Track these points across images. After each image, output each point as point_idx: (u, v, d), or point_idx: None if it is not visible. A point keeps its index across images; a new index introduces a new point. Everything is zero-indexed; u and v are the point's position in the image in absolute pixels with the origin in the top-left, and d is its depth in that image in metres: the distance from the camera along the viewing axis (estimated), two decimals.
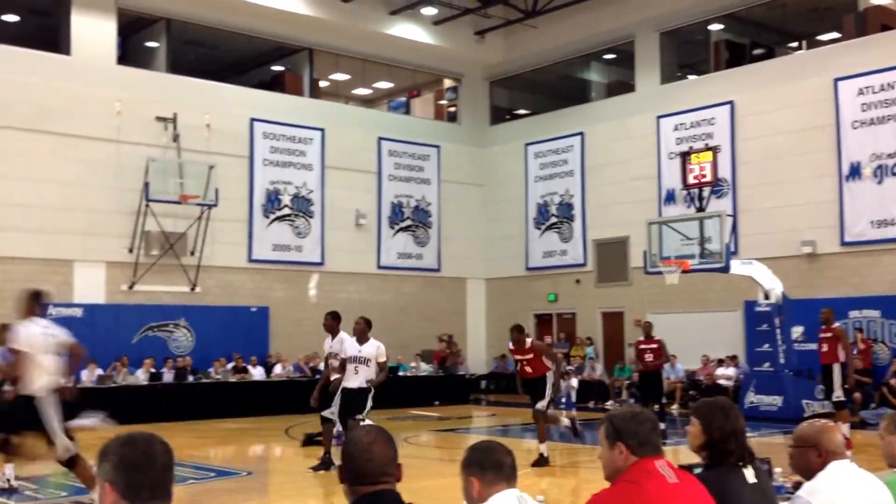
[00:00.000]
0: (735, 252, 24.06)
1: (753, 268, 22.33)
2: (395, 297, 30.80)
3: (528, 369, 15.26)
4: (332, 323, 14.96)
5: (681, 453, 13.49)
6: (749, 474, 4.53)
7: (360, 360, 13.99)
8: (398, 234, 31.23)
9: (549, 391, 15.16)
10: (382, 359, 14.25)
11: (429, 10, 30.15)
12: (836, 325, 17.55)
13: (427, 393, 27.00)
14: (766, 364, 22.32)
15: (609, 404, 26.27)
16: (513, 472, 3.90)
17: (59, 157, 24.47)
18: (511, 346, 15.54)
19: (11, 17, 25.40)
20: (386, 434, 3.61)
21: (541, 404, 15.16)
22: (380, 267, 30.73)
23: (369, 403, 14.08)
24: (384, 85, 34.28)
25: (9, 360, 11.39)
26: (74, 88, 24.83)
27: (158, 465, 2.96)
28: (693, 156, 23.40)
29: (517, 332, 15.34)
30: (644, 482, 3.95)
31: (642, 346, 19.77)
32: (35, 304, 10.81)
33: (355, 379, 13.98)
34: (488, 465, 3.86)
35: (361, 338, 14.19)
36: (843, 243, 24.48)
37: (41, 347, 10.47)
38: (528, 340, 15.32)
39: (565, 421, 16.45)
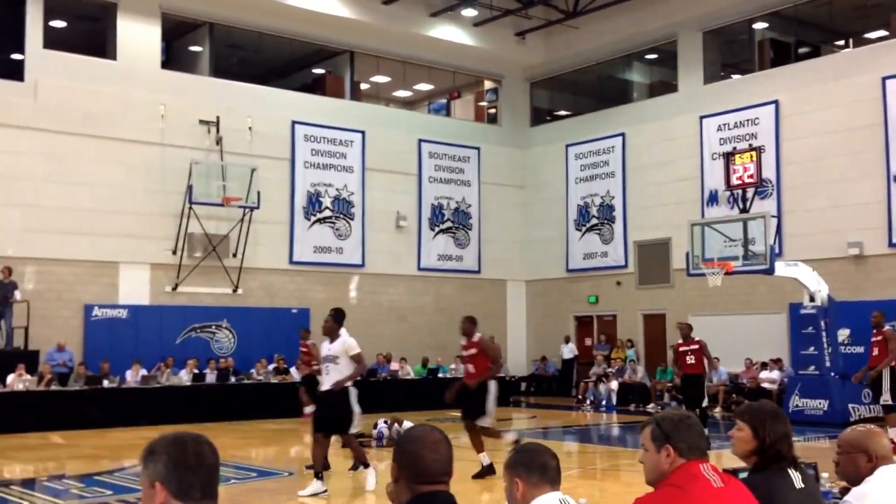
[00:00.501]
0: (779, 254, 23.80)
1: (798, 269, 22.08)
2: (435, 299, 30.81)
3: (471, 367, 14.00)
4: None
5: (724, 457, 13.37)
6: (796, 479, 4.46)
7: (330, 360, 12.83)
8: (438, 235, 31.23)
9: (490, 405, 13.76)
10: (353, 352, 12.77)
11: (469, 12, 30.13)
12: (887, 328, 17.27)
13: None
14: (812, 367, 22.09)
15: (650, 407, 26.13)
16: (557, 475, 3.87)
17: (105, 160, 24.74)
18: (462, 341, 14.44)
19: (59, 23, 25.67)
20: (445, 433, 3.61)
21: (485, 421, 13.81)
22: (420, 269, 30.75)
23: (355, 409, 12.71)
24: (425, 87, 34.30)
25: None
26: (120, 93, 25.10)
27: (208, 465, 2.97)
28: (737, 156, 23.24)
29: (467, 322, 14.32)
30: (689, 486, 3.89)
31: (682, 349, 18.73)
32: None
33: (327, 381, 12.82)
34: (534, 467, 3.83)
35: (332, 336, 13.04)
36: (892, 244, 24.15)
37: None
38: (478, 335, 14.15)
39: (510, 436, 14.51)
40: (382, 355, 27.76)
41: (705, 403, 18.74)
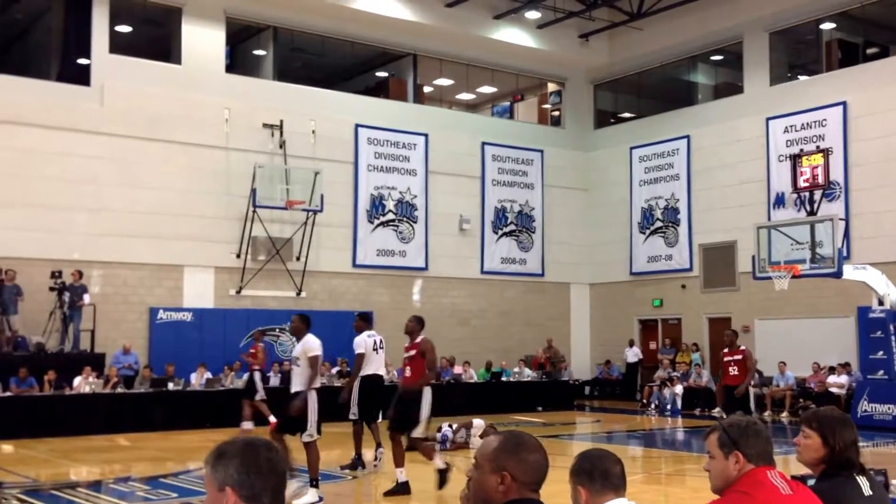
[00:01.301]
0: (847, 257, 23.40)
1: (867, 273, 21.72)
2: (499, 303, 30.76)
3: (407, 371, 13.16)
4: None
5: (791, 463, 13.15)
6: (865, 486, 4.37)
7: (293, 361, 12.74)
8: (502, 238, 31.16)
9: (424, 413, 12.85)
10: (310, 354, 12.50)
11: (533, 14, 30.04)
12: None
13: (530, 398, 26.83)
14: (881, 372, 21.73)
15: (716, 411, 25.79)
16: (622, 482, 3.78)
17: (170, 164, 25.01)
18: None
19: (125, 28, 25.99)
20: None
21: (416, 432, 12.83)
22: (483, 272, 30.70)
23: (311, 416, 12.34)
24: (488, 89, 34.25)
25: None
26: (185, 97, 25.37)
27: (278, 472, 2.95)
28: (804, 158, 22.95)
29: (412, 321, 13.51)
30: (757, 493, 3.84)
31: (726, 358, 17.66)
32: None
33: (293, 383, 12.72)
34: (597, 474, 3.76)
35: (298, 337, 12.94)
36: None
37: None
38: (421, 336, 13.20)
39: (439, 463, 12.73)
40: (446, 359, 27.70)
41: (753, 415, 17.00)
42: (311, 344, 12.56)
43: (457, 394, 25.58)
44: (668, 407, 26.94)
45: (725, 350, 17.94)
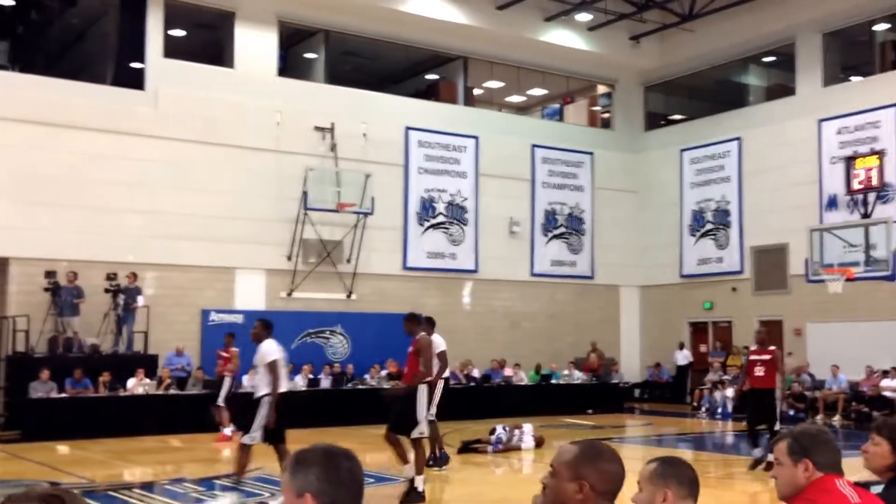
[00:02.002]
0: None
1: None
2: (548, 305, 30.72)
3: (406, 369, 13.20)
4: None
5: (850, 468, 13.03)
6: None
7: (252, 366, 12.80)
8: (551, 241, 31.12)
9: (421, 412, 12.66)
10: (267, 359, 12.63)
11: (583, 16, 29.98)
12: None
13: (580, 401, 26.78)
14: None
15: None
16: (697, 489, 3.78)
17: (222, 167, 25.21)
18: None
19: (179, 32, 26.24)
20: None
21: (417, 431, 12.67)
22: (533, 274, 30.69)
23: (257, 420, 12.53)
24: (538, 92, 34.22)
25: None
26: (238, 100, 25.56)
27: (358, 482, 2.98)
28: (858, 160, 22.70)
29: (408, 320, 13.35)
30: (825, 501, 3.85)
31: (753, 357, 16.12)
32: None
33: (257, 388, 12.85)
34: (684, 481, 3.76)
35: (257, 342, 12.95)
36: None
37: None
38: (421, 334, 13.03)
39: (408, 471, 12.57)
40: (496, 361, 27.76)
41: (778, 426, 15.23)
42: (266, 350, 12.64)
43: (507, 396, 25.62)
44: (719, 410, 26.78)
45: (753, 348, 16.45)
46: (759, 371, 15.77)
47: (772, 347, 16.31)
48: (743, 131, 29.86)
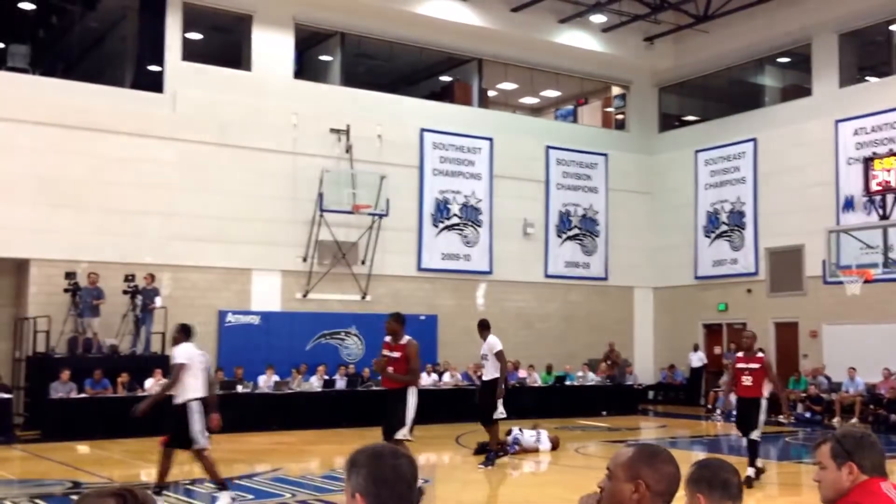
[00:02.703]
0: None
1: None
2: (562, 306, 30.74)
3: (390, 369, 12.77)
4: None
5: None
6: None
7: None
8: (566, 242, 31.14)
9: (409, 413, 12.65)
10: (174, 361, 12.48)
11: (598, 18, 30.01)
12: None
13: (594, 403, 26.78)
14: None
15: (781, 417, 25.59)
16: (740, 493, 3.73)
17: (240, 169, 25.29)
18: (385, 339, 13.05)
19: (196, 36, 26.35)
20: None
21: (401, 433, 12.61)
22: (547, 276, 30.72)
23: (193, 426, 12.36)
24: (552, 93, 34.25)
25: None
26: (254, 103, 25.65)
27: (405, 480, 3.05)
28: (876, 161, 22.64)
29: (395, 321, 12.94)
30: None
31: (740, 365, 14.84)
32: None
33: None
34: (716, 484, 3.78)
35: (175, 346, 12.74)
36: None
37: None
38: (406, 337, 12.78)
39: None
40: (511, 362, 27.72)
41: (756, 435, 14.61)
42: (175, 354, 12.49)
43: (521, 397, 25.61)
44: (734, 413, 26.68)
45: (740, 355, 15.08)
46: (746, 380, 14.65)
47: (760, 354, 15.31)
48: (758, 132, 29.82)
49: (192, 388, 12.38)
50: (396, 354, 12.71)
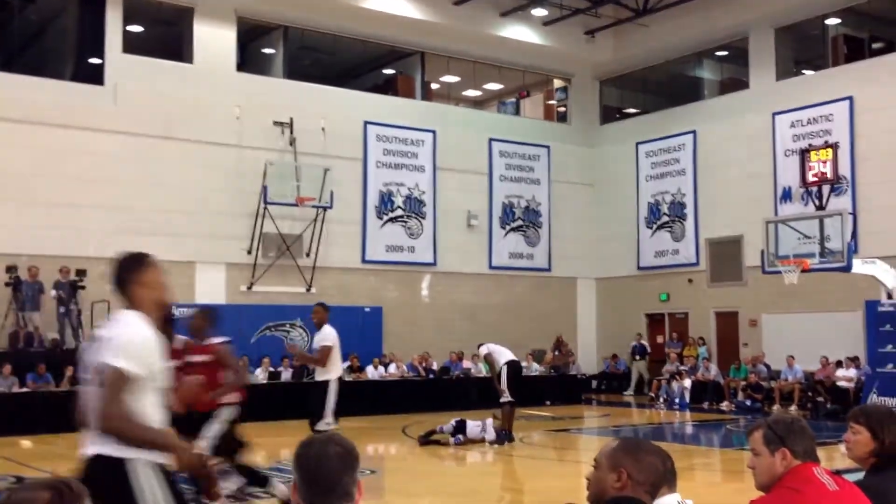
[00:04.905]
0: (855, 251, 23.55)
1: (876, 267, 21.91)
2: (507, 297, 30.93)
3: (198, 380, 8.33)
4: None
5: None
6: None
7: None
8: (509, 234, 31.34)
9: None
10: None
11: (539, 11, 30.19)
12: None
13: (538, 392, 26.96)
14: (890, 365, 21.90)
15: (724, 405, 26.05)
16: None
17: (182, 162, 25.17)
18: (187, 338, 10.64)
19: (137, 28, 26.16)
20: None
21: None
22: (491, 267, 30.89)
23: None
24: (494, 86, 34.40)
25: None
26: (197, 95, 25.55)
27: (330, 468, 3.17)
28: (812, 153, 23.05)
29: (201, 318, 10.86)
30: (804, 489, 3.94)
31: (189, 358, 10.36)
32: None
33: None
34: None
35: None
36: None
37: None
38: (215, 339, 10.66)
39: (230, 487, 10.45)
40: (455, 353, 27.94)
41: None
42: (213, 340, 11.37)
43: (466, 388, 25.75)
44: (677, 401, 27.13)
45: (183, 346, 10.60)
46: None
47: (217, 342, 10.96)
48: (698, 125, 30.21)
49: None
50: (205, 358, 10.43)
